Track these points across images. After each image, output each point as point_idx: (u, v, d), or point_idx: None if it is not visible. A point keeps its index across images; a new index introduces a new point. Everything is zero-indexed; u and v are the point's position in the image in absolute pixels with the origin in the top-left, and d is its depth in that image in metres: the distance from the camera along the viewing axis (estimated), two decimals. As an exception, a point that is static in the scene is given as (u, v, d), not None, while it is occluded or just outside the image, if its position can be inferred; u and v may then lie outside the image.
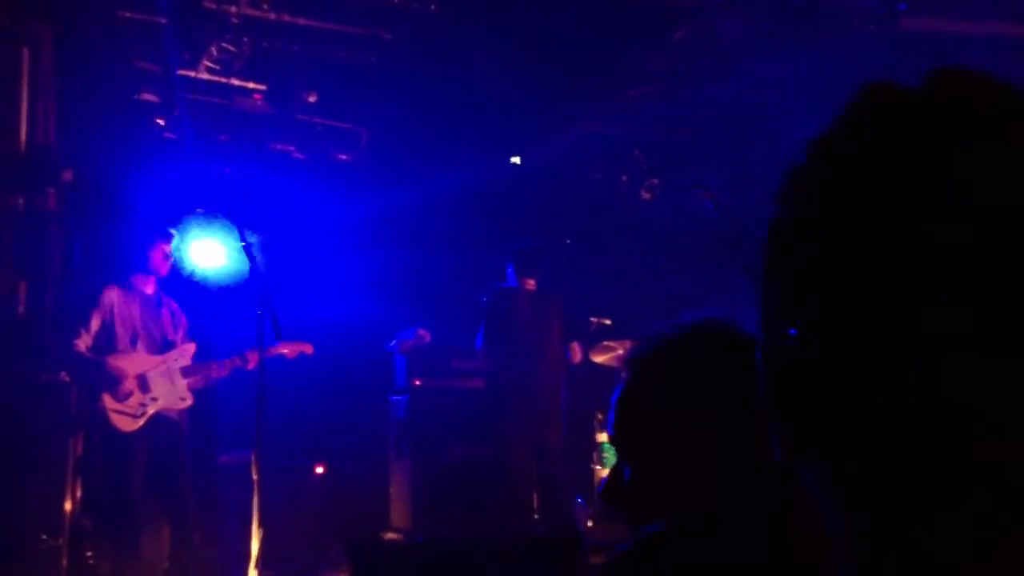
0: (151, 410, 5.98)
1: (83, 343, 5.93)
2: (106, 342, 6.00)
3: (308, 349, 6.45)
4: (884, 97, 0.66)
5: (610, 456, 7.30)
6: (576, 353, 7.27)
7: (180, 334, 6.29)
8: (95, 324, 5.98)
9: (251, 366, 6.00)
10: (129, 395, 5.91)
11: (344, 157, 8.26)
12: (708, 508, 1.56)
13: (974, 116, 0.63)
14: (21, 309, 6.54)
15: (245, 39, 7.25)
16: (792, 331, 0.63)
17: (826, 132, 0.67)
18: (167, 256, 6.20)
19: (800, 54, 7.50)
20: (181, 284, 6.54)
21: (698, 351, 1.64)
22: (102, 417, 5.87)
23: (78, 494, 6.06)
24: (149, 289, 6.21)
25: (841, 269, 0.62)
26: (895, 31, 7.17)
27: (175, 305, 6.35)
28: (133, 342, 6.07)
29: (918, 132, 0.63)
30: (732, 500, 1.55)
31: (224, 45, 7.29)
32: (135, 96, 7.33)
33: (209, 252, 6.66)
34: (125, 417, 5.90)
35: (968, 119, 0.62)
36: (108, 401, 5.87)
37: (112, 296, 6.05)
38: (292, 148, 8.10)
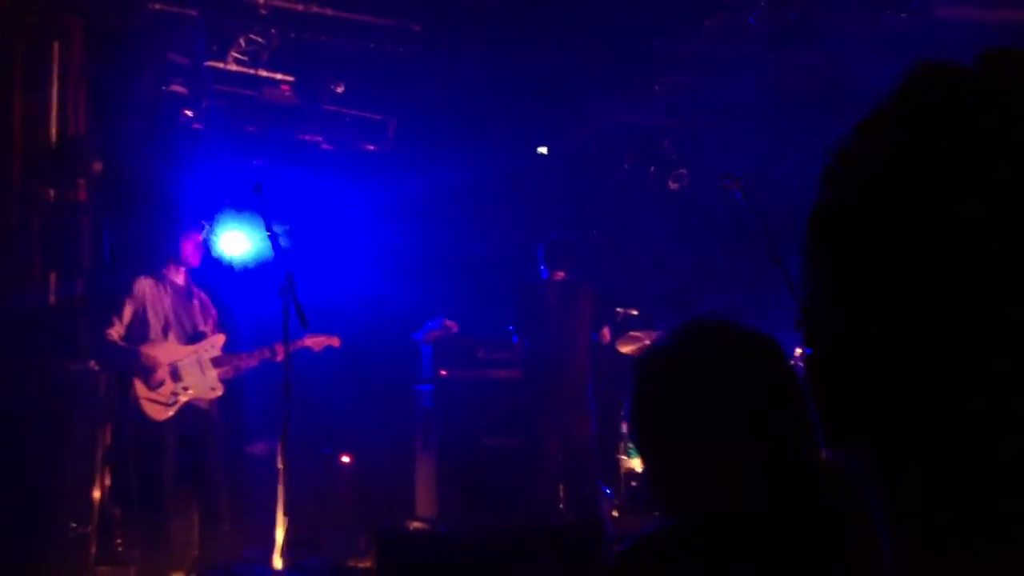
0: (183, 399, 6.01)
1: (116, 332, 5.97)
2: (139, 332, 6.04)
3: (335, 342, 6.47)
4: (937, 76, 0.64)
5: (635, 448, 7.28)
6: (605, 336, 7.29)
7: (210, 325, 6.32)
8: (128, 313, 6.03)
9: (279, 357, 6.02)
10: (162, 384, 5.95)
11: (372, 147, 8.28)
12: (714, 507, 1.58)
13: None
14: (52, 299, 6.59)
15: (273, 30, 7.27)
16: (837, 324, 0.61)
17: (876, 112, 0.65)
18: (198, 247, 6.23)
19: (832, 42, 7.43)
20: (210, 275, 6.57)
21: (701, 351, 1.65)
22: (134, 405, 5.91)
23: (107, 482, 6.11)
24: (180, 280, 6.25)
25: (892, 253, 0.60)
26: (929, 19, 7.09)
27: (205, 296, 6.39)
28: (165, 332, 6.11)
29: (974, 112, 0.61)
30: (738, 498, 1.57)
31: (252, 36, 7.31)
32: (164, 88, 7.36)
33: (237, 243, 6.68)
34: (157, 406, 5.94)
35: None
36: (141, 389, 5.91)
37: (144, 286, 6.09)
38: (320, 139, 8.12)
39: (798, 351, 5.84)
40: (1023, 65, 0.63)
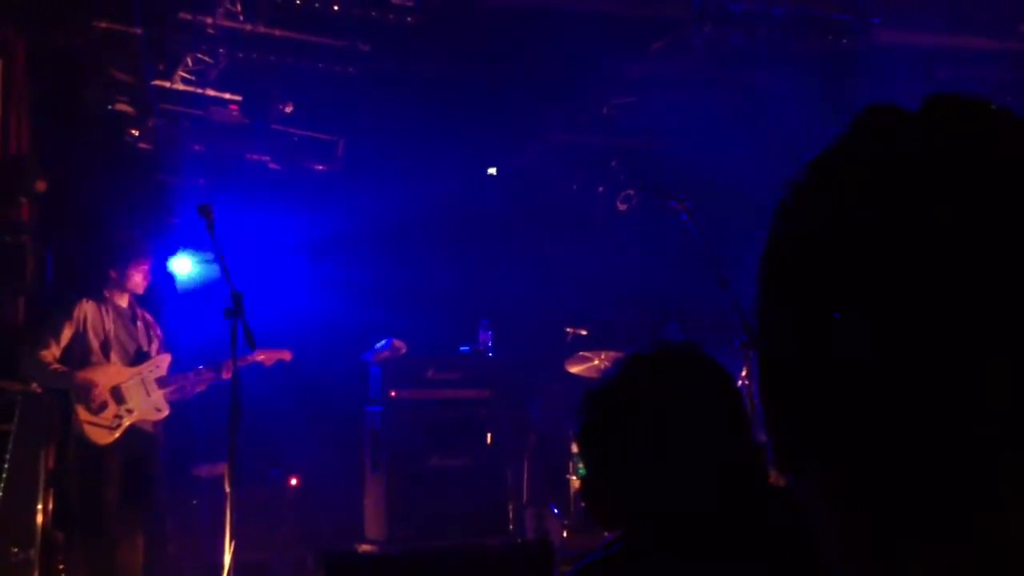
0: (127, 422, 5.93)
1: (51, 354, 5.88)
2: (80, 354, 5.95)
3: (286, 356, 6.42)
4: (884, 123, 0.69)
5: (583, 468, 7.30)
6: None
7: (155, 345, 6.25)
8: (66, 336, 5.94)
9: (227, 375, 5.99)
10: (104, 407, 5.86)
11: (321, 167, 8.24)
12: (659, 535, 1.60)
13: (972, 142, 0.65)
14: (-7, 320, 6.48)
15: (221, 50, 7.23)
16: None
17: (830, 152, 0.70)
18: (145, 276, 6.18)
19: (775, 65, 7.56)
20: (157, 296, 6.50)
21: (653, 379, 1.68)
22: (77, 429, 5.82)
23: (50, 506, 6.00)
24: (123, 302, 6.17)
25: (840, 284, 0.64)
26: (868, 44, 7.25)
27: (150, 317, 6.32)
28: (106, 354, 6.03)
29: (916, 158, 0.65)
30: (683, 526, 1.59)
31: (200, 56, 7.27)
32: (110, 107, 7.28)
33: (184, 264, 6.63)
34: (100, 429, 5.86)
35: (967, 145, 0.65)
36: (82, 413, 5.82)
37: (85, 308, 6.01)
38: (268, 159, 8.07)
39: (744, 372, 5.91)
40: (961, 114, 0.67)
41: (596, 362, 7.39)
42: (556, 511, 7.41)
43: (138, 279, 6.14)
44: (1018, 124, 0.66)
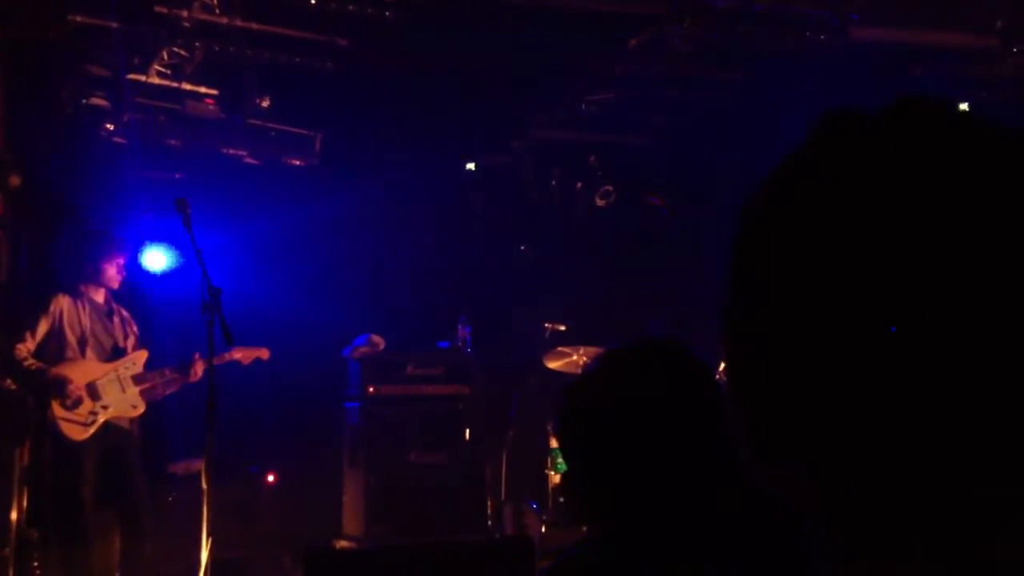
0: (102, 418, 5.89)
1: (25, 348, 5.83)
2: (55, 350, 5.91)
3: (264, 354, 6.39)
4: (845, 127, 0.69)
5: (563, 463, 7.31)
6: None
7: (131, 342, 6.21)
8: (42, 330, 5.89)
9: (193, 379, 5.98)
10: (79, 403, 5.82)
11: (298, 162, 8.21)
12: (640, 529, 1.60)
13: (932, 146, 0.65)
14: (-33, 315, 6.42)
15: (197, 44, 7.18)
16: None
17: (792, 157, 0.70)
18: (120, 270, 6.14)
19: (753, 62, 7.58)
20: (133, 292, 6.46)
21: (633, 375, 1.68)
22: (51, 426, 5.78)
23: (24, 504, 5.95)
24: (99, 297, 6.13)
25: (807, 281, 0.64)
26: (846, 41, 7.28)
27: (126, 313, 6.28)
28: (82, 350, 5.98)
29: (879, 161, 0.66)
30: (665, 521, 1.59)
31: (176, 50, 7.22)
32: (84, 101, 7.22)
33: (159, 259, 6.58)
34: (75, 426, 5.81)
35: (927, 149, 0.65)
36: (57, 410, 5.78)
37: (62, 303, 5.97)
38: (244, 153, 8.02)
39: (722, 366, 5.95)
40: (923, 117, 0.67)
41: (575, 357, 7.40)
42: (535, 507, 7.41)
43: (112, 274, 6.10)
44: (980, 126, 0.66)
